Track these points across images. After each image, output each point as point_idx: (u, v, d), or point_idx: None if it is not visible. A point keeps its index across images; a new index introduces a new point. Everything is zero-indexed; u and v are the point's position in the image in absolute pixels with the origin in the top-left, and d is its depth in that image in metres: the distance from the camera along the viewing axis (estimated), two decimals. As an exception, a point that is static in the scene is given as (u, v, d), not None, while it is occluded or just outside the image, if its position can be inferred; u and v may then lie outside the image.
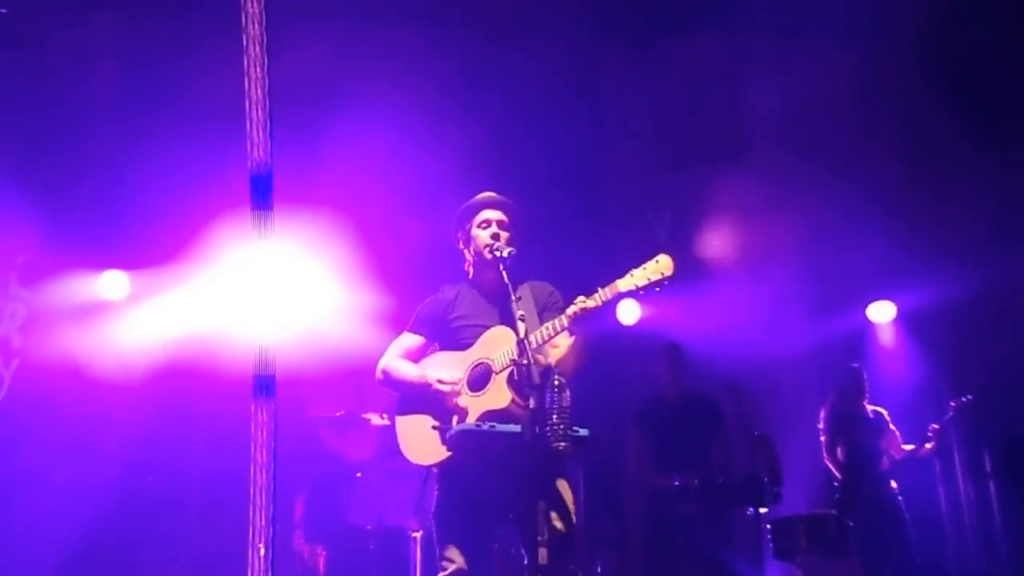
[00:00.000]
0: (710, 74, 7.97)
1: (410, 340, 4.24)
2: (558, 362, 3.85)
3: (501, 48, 7.07)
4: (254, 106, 2.50)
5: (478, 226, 4.16)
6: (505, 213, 4.18)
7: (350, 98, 6.66)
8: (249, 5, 2.48)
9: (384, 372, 4.19)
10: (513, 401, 3.83)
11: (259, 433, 2.50)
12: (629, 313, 7.68)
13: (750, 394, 6.22)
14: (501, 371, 3.91)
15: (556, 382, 3.47)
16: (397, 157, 6.70)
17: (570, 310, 3.79)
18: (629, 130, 8.20)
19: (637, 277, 3.80)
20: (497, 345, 3.95)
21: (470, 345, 4.07)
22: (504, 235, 4.12)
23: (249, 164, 2.48)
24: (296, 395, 6.45)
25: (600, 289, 3.80)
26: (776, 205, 7.76)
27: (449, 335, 4.17)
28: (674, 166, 8.14)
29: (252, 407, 2.50)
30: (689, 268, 7.43)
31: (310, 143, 6.47)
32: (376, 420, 5.85)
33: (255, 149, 2.54)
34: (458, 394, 3.96)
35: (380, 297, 6.33)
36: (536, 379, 3.52)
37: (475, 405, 3.94)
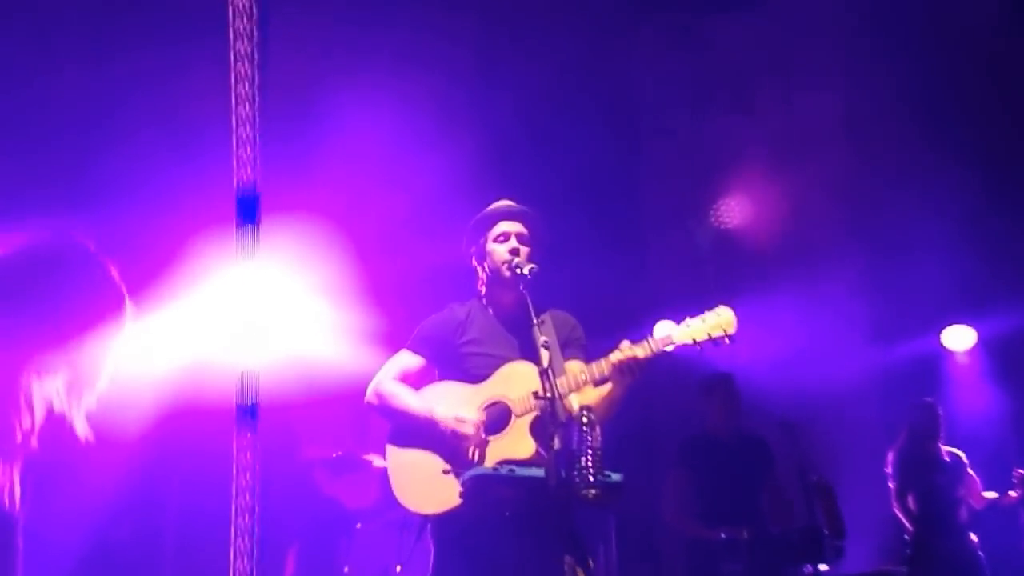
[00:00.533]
0: (759, 66, 7.98)
1: (409, 360, 4.18)
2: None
3: (516, 37, 7.21)
4: (241, 123, 2.60)
5: (495, 239, 4.15)
6: (525, 225, 4.17)
7: (344, 96, 6.74)
8: (238, 22, 2.55)
9: (379, 395, 4.13)
10: (538, 452, 3.79)
11: (241, 476, 2.55)
12: (662, 329, 7.63)
13: (807, 432, 6.24)
14: (523, 415, 3.89)
15: (585, 419, 3.46)
16: (398, 162, 6.78)
17: (614, 357, 3.79)
18: (664, 127, 8.27)
19: (695, 330, 3.84)
20: (518, 383, 3.93)
21: (483, 377, 4.04)
22: (524, 250, 4.10)
23: (236, 183, 2.58)
24: (287, 432, 6.47)
25: (650, 338, 3.81)
26: (835, 214, 7.80)
27: (455, 361, 4.13)
28: (717, 169, 8.17)
29: (234, 438, 2.56)
30: (735, 285, 7.44)
31: (300, 145, 6.52)
32: (379, 462, 5.70)
33: (242, 168, 2.62)
34: (477, 436, 3.92)
35: (382, 320, 6.33)
36: (561, 416, 3.50)
37: (493, 450, 3.90)
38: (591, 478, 3.39)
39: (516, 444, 3.86)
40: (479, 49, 7.32)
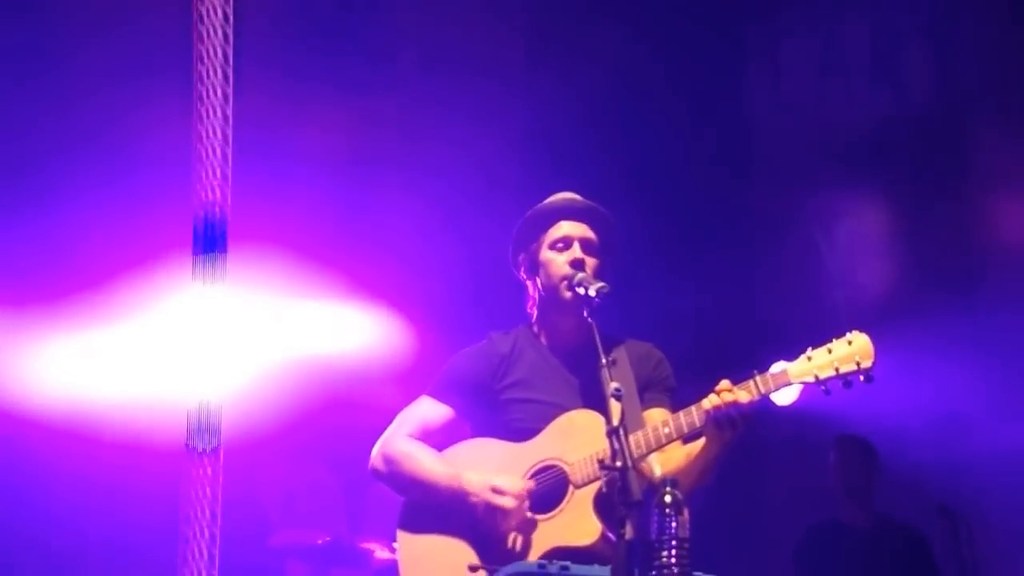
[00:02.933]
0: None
1: (431, 411, 4.20)
2: (671, 474, 3.77)
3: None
4: (209, 144, 2.84)
5: (551, 246, 4.16)
6: (594, 228, 4.18)
7: (338, 62, 7.17)
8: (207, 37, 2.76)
9: (387, 458, 4.15)
10: (603, 536, 3.80)
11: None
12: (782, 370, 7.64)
13: (973, 522, 6.32)
14: (584, 484, 3.89)
15: (668, 498, 3.40)
16: (412, 150, 7.10)
17: (708, 403, 3.80)
18: (784, 102, 8.32)
19: (818, 363, 3.84)
20: (578, 440, 3.94)
21: (533, 433, 4.04)
22: (591, 262, 4.12)
23: (198, 206, 2.85)
24: (252, 506, 6.50)
25: (758, 376, 3.83)
26: (1014, 220, 7.80)
27: (495, 412, 4.14)
28: (855, 161, 8.16)
29: (189, 465, 2.83)
30: (876, 319, 7.29)
31: (280, 161, 6.86)
32: (383, 554, 5.81)
33: (206, 189, 2.86)
34: (520, 514, 3.92)
35: (391, 356, 6.45)
36: (637, 494, 3.43)
37: (542, 535, 3.92)
38: (677, 580, 3.38)
39: (575, 526, 3.87)
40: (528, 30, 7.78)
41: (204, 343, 3.23)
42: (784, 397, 7.26)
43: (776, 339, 7.20)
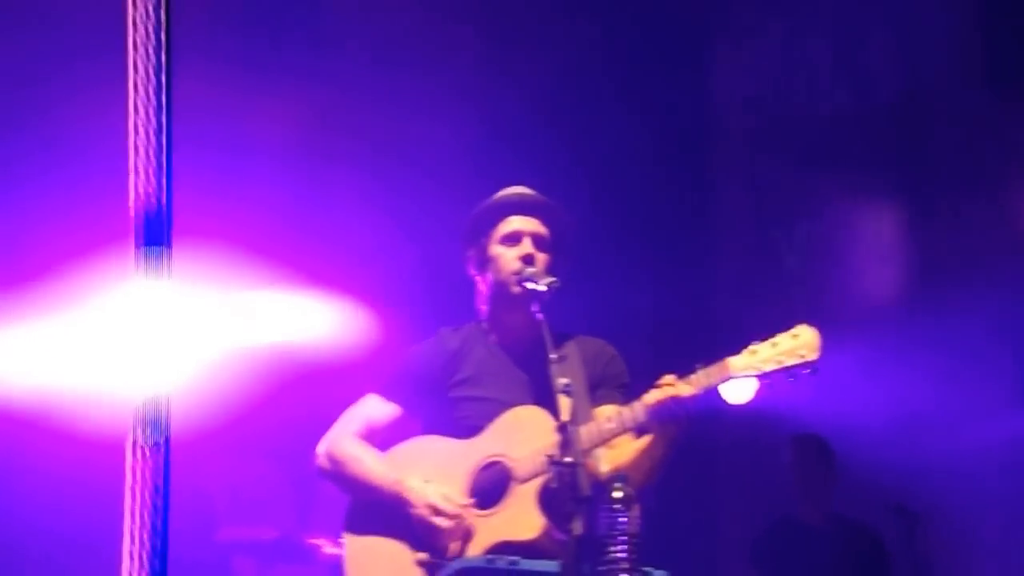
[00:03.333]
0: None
1: (378, 410, 4.18)
2: (620, 470, 3.82)
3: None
4: (144, 135, 2.81)
5: (501, 241, 4.16)
6: (545, 223, 4.17)
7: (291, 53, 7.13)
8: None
9: (332, 459, 4.15)
10: (546, 532, 3.77)
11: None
12: (738, 386, 7.60)
13: (930, 522, 6.31)
14: (527, 479, 3.88)
15: (618, 493, 3.45)
16: (362, 141, 7.08)
17: (652, 397, 3.80)
18: (739, 102, 8.34)
19: (762, 357, 3.82)
20: (522, 436, 3.93)
21: (478, 430, 4.04)
22: (542, 258, 4.10)
23: (136, 199, 2.84)
24: (199, 502, 6.44)
25: (701, 368, 3.83)
26: (975, 219, 7.72)
27: (444, 410, 4.13)
28: (815, 160, 8.16)
29: (134, 460, 2.79)
30: (835, 319, 7.30)
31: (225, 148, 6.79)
32: (330, 549, 5.71)
33: (143, 182, 2.85)
34: (458, 533, 3.95)
35: (339, 352, 6.35)
36: (586, 490, 3.49)
37: (486, 530, 3.92)
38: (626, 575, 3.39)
39: (518, 521, 3.87)
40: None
41: (149, 337, 3.22)
42: (739, 396, 7.32)
43: (733, 336, 7.24)
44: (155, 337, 3.27)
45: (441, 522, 3.90)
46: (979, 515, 7.47)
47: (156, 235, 3.01)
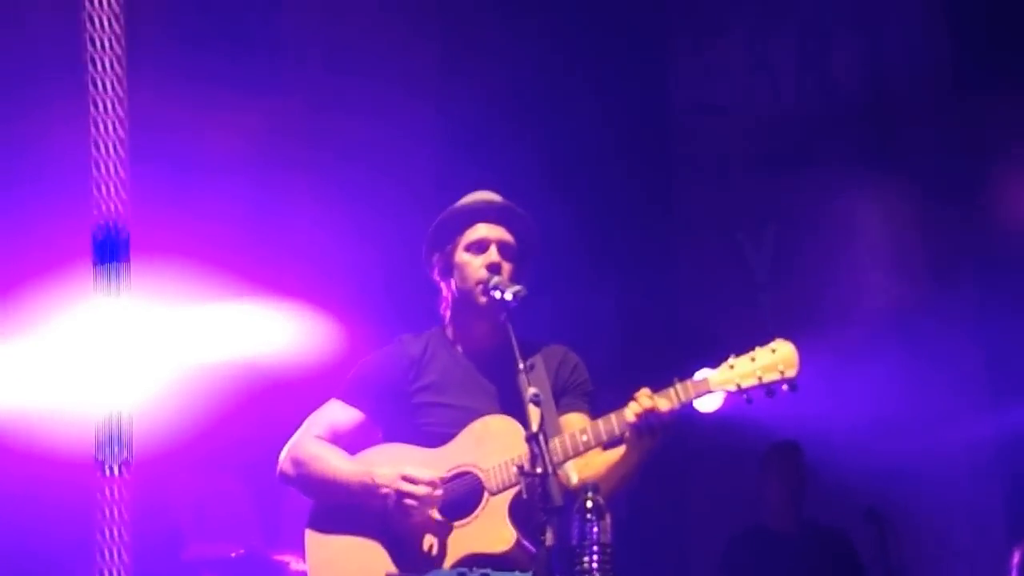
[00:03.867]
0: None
1: (341, 414, 4.15)
2: (591, 481, 3.78)
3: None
4: (104, 151, 2.83)
5: (467, 248, 4.13)
6: (511, 230, 4.15)
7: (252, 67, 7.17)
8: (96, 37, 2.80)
9: (296, 461, 4.11)
10: (518, 544, 3.79)
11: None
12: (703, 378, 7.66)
13: (900, 526, 6.34)
14: (499, 491, 3.87)
15: (589, 502, 3.43)
16: (320, 151, 7.15)
17: (629, 410, 3.78)
18: (702, 103, 8.35)
19: (741, 371, 3.84)
20: (493, 446, 3.92)
21: (445, 439, 4.02)
22: (507, 267, 4.09)
23: (97, 216, 3.01)
24: (164, 519, 6.43)
25: (679, 383, 3.82)
26: (943, 231, 7.75)
27: (407, 417, 4.10)
28: (781, 163, 8.21)
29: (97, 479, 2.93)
30: (803, 325, 7.32)
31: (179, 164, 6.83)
32: (296, 565, 5.78)
33: (104, 198, 2.88)
34: (430, 512, 3.91)
35: (301, 363, 6.37)
36: (558, 499, 3.47)
37: (456, 541, 3.90)
38: (598, 586, 3.39)
39: (489, 533, 3.84)
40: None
41: (109, 354, 3.23)
42: (708, 404, 7.32)
43: (701, 342, 7.24)
44: (115, 355, 3.25)
45: (417, 489, 3.84)
46: (950, 518, 7.53)
47: (114, 251, 3.00)
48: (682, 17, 8.45)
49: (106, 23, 2.89)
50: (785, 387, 3.80)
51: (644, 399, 3.77)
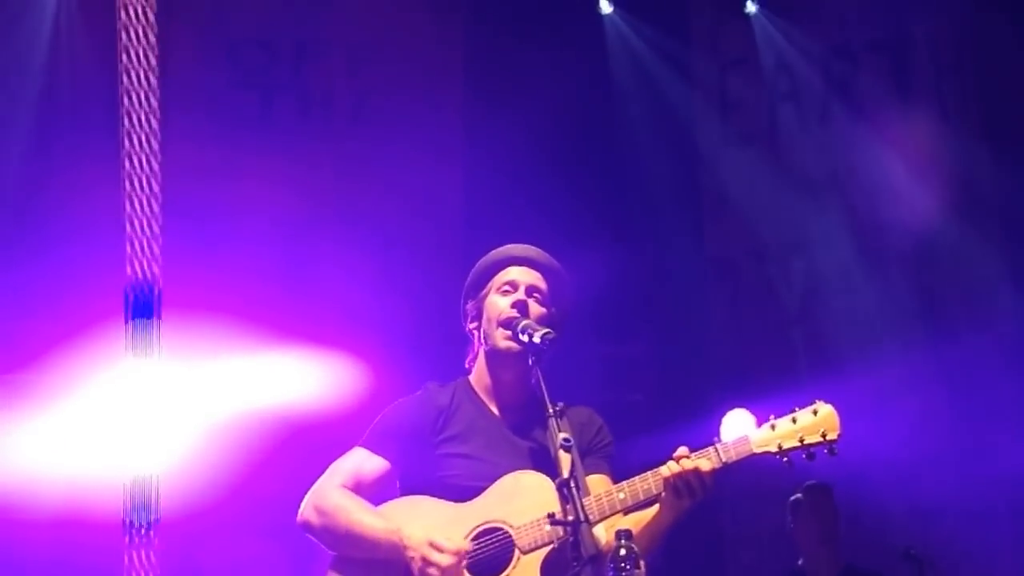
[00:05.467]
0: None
1: (366, 463, 4.11)
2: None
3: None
4: (138, 208, 3.02)
5: (497, 290, 4.11)
6: (545, 277, 4.14)
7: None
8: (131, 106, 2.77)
9: (320, 510, 4.05)
10: None
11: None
12: (735, 423, 7.55)
13: (940, 565, 6.25)
14: (531, 550, 3.84)
15: (623, 550, 3.39)
16: (348, 202, 7.28)
17: (667, 470, 3.78)
18: (732, 140, 8.42)
19: (782, 433, 3.87)
20: (523, 502, 3.89)
21: (467, 491, 3.99)
22: (537, 310, 4.06)
23: (130, 274, 2.99)
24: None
25: (719, 444, 3.82)
26: (974, 249, 7.65)
27: (429, 466, 4.07)
28: (808, 186, 8.25)
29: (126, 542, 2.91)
30: (834, 357, 7.30)
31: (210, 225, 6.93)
32: None
33: (139, 258, 2.88)
34: (456, 573, 3.85)
35: (330, 410, 6.39)
36: (590, 548, 3.43)
37: None
38: (634, 641, 3.33)
39: None
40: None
41: (138, 415, 3.25)
42: (731, 431, 7.34)
43: (734, 379, 7.22)
44: (145, 416, 3.26)
45: (442, 559, 3.81)
46: (991, 557, 7.43)
47: (147, 309, 3.02)
48: (708, 46, 8.47)
49: (141, 77, 2.93)
50: (827, 451, 3.84)
51: (684, 459, 3.76)
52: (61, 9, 7.05)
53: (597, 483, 3.89)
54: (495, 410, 4.13)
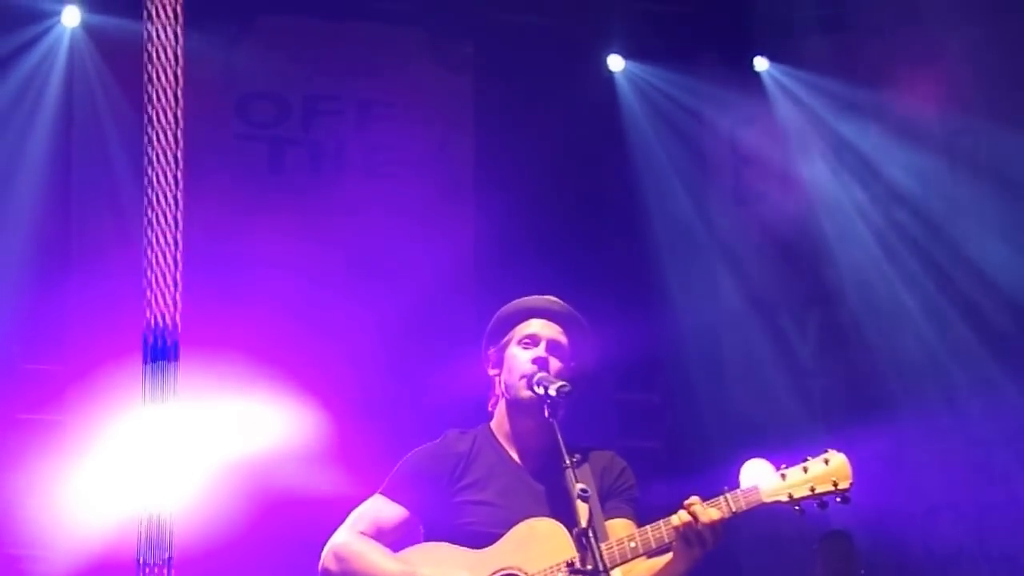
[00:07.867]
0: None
1: (386, 511, 4.10)
2: None
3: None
4: (160, 251, 3.04)
5: (519, 342, 4.12)
6: (566, 331, 4.13)
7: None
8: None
9: (339, 557, 4.04)
10: None
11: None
12: (753, 472, 7.56)
13: None
14: None
15: None
16: (362, 249, 7.33)
17: (677, 519, 3.76)
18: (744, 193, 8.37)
19: (792, 482, 3.85)
20: (540, 550, 3.87)
21: (487, 538, 3.98)
22: (556, 364, 4.05)
23: (149, 317, 3.00)
24: None
25: (729, 493, 3.81)
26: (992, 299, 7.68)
27: (449, 513, 4.06)
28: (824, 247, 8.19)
29: None
30: (852, 407, 7.32)
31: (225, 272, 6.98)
32: None
33: (157, 302, 3.01)
34: None
35: (341, 471, 6.37)
36: None
37: None
38: None
39: None
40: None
41: (154, 455, 3.27)
42: (749, 476, 7.34)
43: (750, 432, 7.23)
44: (159, 456, 3.29)
45: None
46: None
47: (164, 352, 3.05)
48: (719, 102, 8.53)
49: (167, 133, 2.99)
50: (838, 500, 3.83)
51: (695, 507, 3.74)
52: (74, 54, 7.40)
53: (620, 527, 3.90)
54: (515, 456, 4.12)
